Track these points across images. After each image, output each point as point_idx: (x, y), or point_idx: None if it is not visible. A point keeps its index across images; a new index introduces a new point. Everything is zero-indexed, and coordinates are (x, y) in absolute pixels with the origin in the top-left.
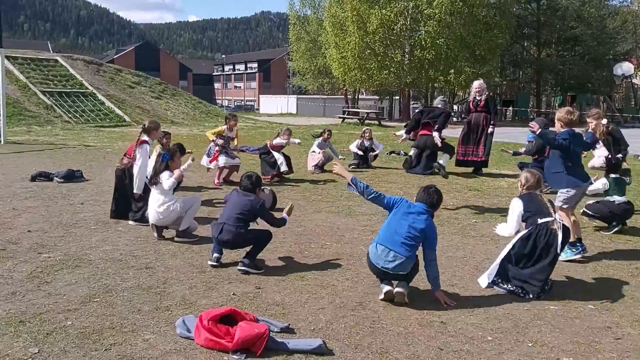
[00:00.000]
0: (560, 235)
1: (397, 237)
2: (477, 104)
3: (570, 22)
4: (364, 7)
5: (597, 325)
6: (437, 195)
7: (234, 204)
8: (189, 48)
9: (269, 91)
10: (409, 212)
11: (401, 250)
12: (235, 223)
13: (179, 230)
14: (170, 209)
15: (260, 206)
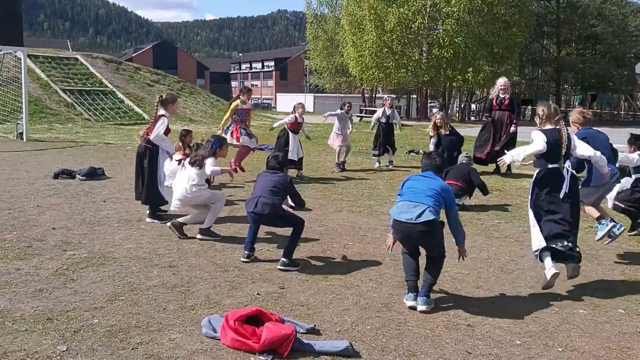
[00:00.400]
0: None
1: (419, 193)
2: (501, 102)
3: (590, 20)
4: (382, 6)
5: (629, 331)
6: (440, 158)
7: (265, 181)
8: (206, 46)
9: (285, 89)
10: (422, 177)
11: (425, 200)
12: (270, 195)
13: (203, 228)
14: (200, 191)
15: (289, 182)
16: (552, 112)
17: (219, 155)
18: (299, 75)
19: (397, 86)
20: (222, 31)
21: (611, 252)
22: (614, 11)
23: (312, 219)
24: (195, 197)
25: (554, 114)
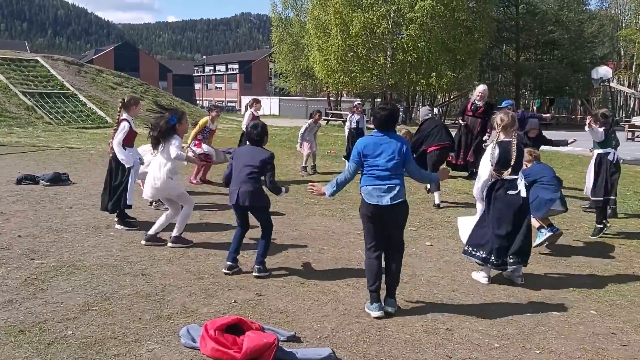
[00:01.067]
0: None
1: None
2: (476, 108)
3: (548, 26)
4: (347, 10)
5: (602, 332)
6: (382, 111)
7: (243, 161)
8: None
9: (250, 92)
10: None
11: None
12: (249, 181)
13: (173, 236)
14: (173, 182)
15: (270, 158)
16: (510, 122)
17: (180, 131)
18: (263, 78)
19: (362, 90)
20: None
21: (578, 254)
22: (571, 18)
23: (285, 223)
24: (167, 187)
25: (511, 124)
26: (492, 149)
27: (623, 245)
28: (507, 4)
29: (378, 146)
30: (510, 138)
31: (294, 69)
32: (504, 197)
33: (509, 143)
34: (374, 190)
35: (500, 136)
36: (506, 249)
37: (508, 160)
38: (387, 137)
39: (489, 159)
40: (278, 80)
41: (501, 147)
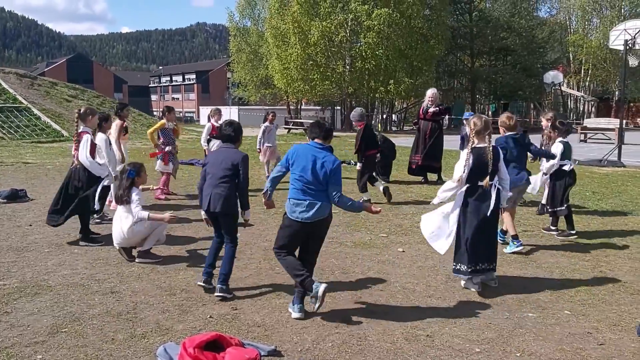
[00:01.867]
0: (493, 197)
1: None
2: (426, 112)
3: (501, 32)
4: (305, 19)
5: (578, 332)
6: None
7: (216, 163)
8: (123, 60)
9: (208, 102)
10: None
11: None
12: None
13: (141, 250)
14: (136, 229)
15: (243, 161)
16: (483, 127)
17: (138, 183)
18: (221, 88)
19: (322, 98)
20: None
21: (547, 255)
22: (523, 24)
23: (254, 234)
24: (135, 235)
25: (484, 128)
26: (467, 155)
27: (588, 245)
28: (461, 11)
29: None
30: (484, 143)
31: (253, 78)
32: (476, 204)
33: (483, 149)
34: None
35: (475, 142)
36: (477, 255)
37: (484, 167)
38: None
39: (462, 165)
40: (237, 90)
41: (476, 153)
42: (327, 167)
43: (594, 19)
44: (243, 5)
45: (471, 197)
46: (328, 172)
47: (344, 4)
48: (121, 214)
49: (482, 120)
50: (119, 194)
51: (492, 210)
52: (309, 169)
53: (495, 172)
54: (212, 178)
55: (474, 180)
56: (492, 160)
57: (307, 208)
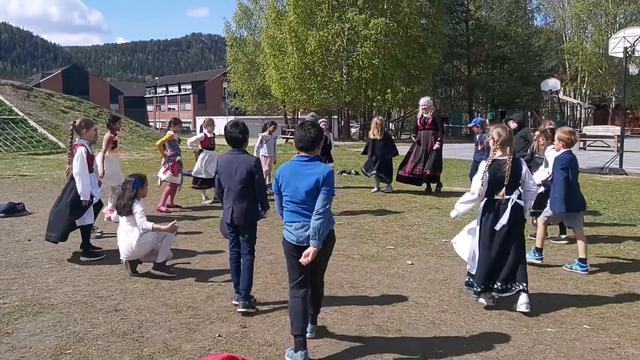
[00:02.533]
0: (507, 213)
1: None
2: (424, 121)
3: (498, 41)
4: (302, 29)
5: (599, 347)
6: (310, 130)
7: (230, 172)
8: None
9: (204, 112)
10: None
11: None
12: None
13: (156, 262)
14: (143, 241)
15: (256, 166)
16: (508, 138)
17: (140, 195)
18: (217, 98)
19: (320, 107)
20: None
21: (559, 266)
22: (519, 33)
23: (259, 247)
24: (142, 247)
25: (508, 140)
26: (485, 168)
27: (600, 255)
28: (457, 20)
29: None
30: (505, 156)
31: (250, 88)
32: (492, 219)
33: (503, 162)
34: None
35: (497, 153)
36: (491, 273)
37: (501, 180)
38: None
39: (481, 177)
40: (234, 100)
41: (496, 165)
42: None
43: (588, 26)
44: (239, 16)
45: (488, 212)
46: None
47: (341, 13)
48: (125, 226)
49: (507, 131)
50: (121, 204)
51: (510, 227)
52: (298, 188)
53: (515, 186)
54: (230, 192)
55: (492, 194)
56: (509, 173)
57: (303, 229)
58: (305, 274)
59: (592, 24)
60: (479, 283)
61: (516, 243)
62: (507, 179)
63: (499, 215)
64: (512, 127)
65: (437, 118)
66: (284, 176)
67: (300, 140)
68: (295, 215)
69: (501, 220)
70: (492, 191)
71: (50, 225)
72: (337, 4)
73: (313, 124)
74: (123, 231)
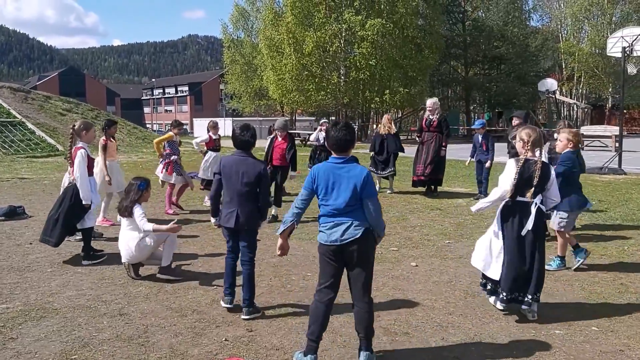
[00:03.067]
0: (533, 216)
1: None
2: (430, 123)
3: (494, 41)
4: (299, 30)
5: (609, 349)
6: (346, 130)
7: (236, 176)
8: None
9: (201, 114)
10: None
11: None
12: (246, 199)
13: (162, 266)
14: (142, 244)
15: (265, 171)
16: (539, 139)
17: (143, 199)
18: (214, 100)
19: (317, 108)
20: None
21: (567, 268)
22: (516, 33)
23: (261, 249)
24: (142, 250)
25: (539, 141)
26: (517, 168)
27: (604, 256)
28: (454, 20)
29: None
30: (535, 157)
31: (247, 89)
32: (515, 222)
33: (534, 162)
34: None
35: (528, 154)
36: (513, 281)
37: (530, 180)
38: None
39: (512, 177)
40: (231, 102)
41: (527, 166)
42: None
43: (585, 26)
44: (236, 17)
45: (512, 216)
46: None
47: (338, 14)
48: (126, 228)
49: (537, 132)
50: (123, 206)
51: (533, 232)
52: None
53: (541, 190)
54: (234, 194)
55: (517, 195)
56: (538, 174)
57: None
58: (336, 278)
59: (589, 23)
60: (507, 290)
61: (540, 250)
62: (537, 179)
63: (523, 219)
64: (515, 123)
65: (442, 121)
66: (319, 177)
67: (335, 142)
68: (329, 217)
69: (527, 225)
70: (518, 192)
71: (48, 228)
72: (334, 5)
73: (347, 125)
74: (123, 234)
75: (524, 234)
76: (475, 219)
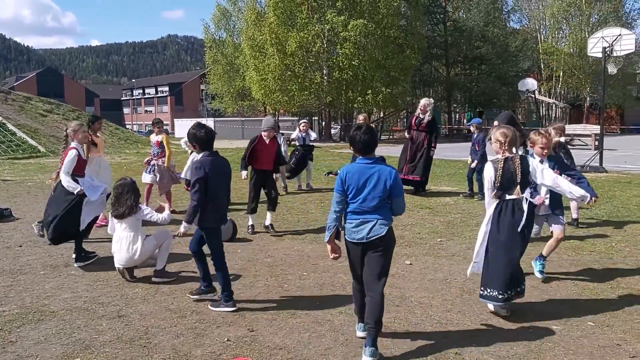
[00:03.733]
0: (525, 212)
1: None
2: (419, 122)
3: (475, 42)
4: (282, 30)
5: (607, 344)
6: (370, 133)
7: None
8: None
9: (182, 114)
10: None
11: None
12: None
13: (157, 270)
14: (143, 247)
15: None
16: (514, 138)
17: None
18: (195, 100)
19: (301, 108)
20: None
21: (554, 263)
22: (496, 33)
23: (255, 250)
24: (142, 255)
25: (515, 140)
26: (494, 169)
27: (593, 252)
28: (435, 21)
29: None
30: (512, 154)
31: (230, 90)
32: (508, 221)
33: (511, 159)
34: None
35: (506, 154)
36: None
37: (514, 178)
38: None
39: (491, 178)
40: (214, 102)
41: (507, 164)
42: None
43: (564, 26)
44: (218, 17)
45: (504, 214)
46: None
47: (320, 15)
48: (123, 232)
49: (512, 131)
50: (123, 208)
51: (526, 227)
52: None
53: (527, 184)
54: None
55: (504, 195)
56: (520, 172)
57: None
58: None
59: (567, 24)
60: (504, 290)
61: (526, 244)
62: (520, 176)
63: (515, 216)
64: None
65: (433, 121)
66: (350, 178)
67: (362, 145)
68: (357, 214)
69: (524, 220)
70: (505, 191)
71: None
72: (317, 6)
73: (369, 128)
74: (120, 237)
75: (520, 229)
76: (464, 217)
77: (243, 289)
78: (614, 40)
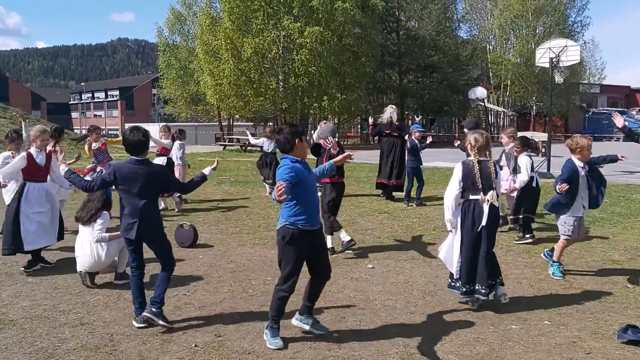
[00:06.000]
0: (486, 213)
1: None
2: (392, 127)
3: (427, 50)
4: (237, 35)
5: (563, 342)
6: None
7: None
8: (39, 76)
9: (133, 119)
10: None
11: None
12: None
13: (118, 272)
14: (111, 251)
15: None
16: (485, 144)
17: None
18: (146, 105)
19: (256, 114)
20: (56, 60)
21: (511, 266)
22: (447, 42)
23: (217, 255)
24: (109, 258)
25: (486, 145)
26: (467, 168)
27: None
28: (389, 30)
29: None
30: (482, 158)
31: (184, 94)
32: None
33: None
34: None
35: (477, 157)
36: (474, 275)
37: (489, 180)
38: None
39: (458, 178)
40: (167, 107)
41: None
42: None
43: (511, 37)
44: (172, 21)
45: (468, 213)
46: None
47: (276, 21)
48: (85, 236)
49: (483, 136)
50: (86, 214)
51: (488, 227)
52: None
53: (490, 187)
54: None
55: (469, 194)
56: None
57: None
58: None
59: (515, 35)
60: (464, 283)
61: (492, 242)
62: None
63: (479, 216)
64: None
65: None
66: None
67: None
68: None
69: (482, 221)
70: (469, 192)
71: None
72: (273, 12)
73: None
74: (84, 241)
75: (479, 229)
76: (422, 221)
77: (207, 295)
78: (561, 51)
